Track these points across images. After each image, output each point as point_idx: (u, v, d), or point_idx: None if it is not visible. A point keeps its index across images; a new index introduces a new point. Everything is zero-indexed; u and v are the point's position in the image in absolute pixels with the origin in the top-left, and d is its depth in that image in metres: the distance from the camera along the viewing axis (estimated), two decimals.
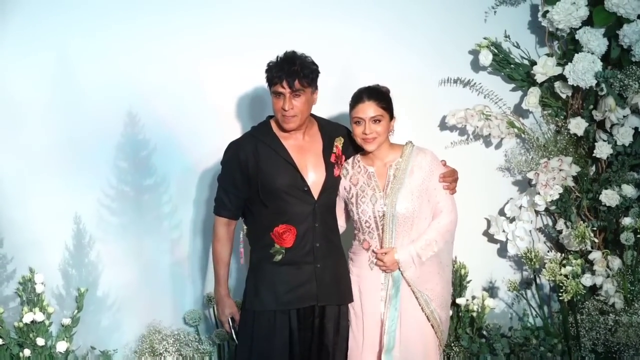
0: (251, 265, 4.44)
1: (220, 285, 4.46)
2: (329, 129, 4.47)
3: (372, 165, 4.37)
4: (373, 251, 4.34)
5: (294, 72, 4.25)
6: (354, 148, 4.44)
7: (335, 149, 4.41)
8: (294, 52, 4.32)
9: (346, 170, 4.40)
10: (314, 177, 4.36)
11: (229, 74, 5.15)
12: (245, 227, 4.48)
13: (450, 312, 4.69)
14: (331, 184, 4.39)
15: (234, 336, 4.43)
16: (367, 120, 4.25)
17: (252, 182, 4.33)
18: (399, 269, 4.29)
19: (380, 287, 4.33)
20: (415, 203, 4.29)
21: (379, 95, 4.31)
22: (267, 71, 4.31)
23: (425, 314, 4.33)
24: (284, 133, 4.37)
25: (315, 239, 4.34)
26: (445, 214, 4.34)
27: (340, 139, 4.44)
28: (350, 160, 4.42)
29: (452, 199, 4.37)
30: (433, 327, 4.35)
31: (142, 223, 5.16)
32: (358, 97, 4.30)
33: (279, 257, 4.32)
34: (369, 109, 4.26)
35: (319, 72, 4.35)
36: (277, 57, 4.30)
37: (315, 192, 4.34)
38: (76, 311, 4.93)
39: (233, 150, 4.39)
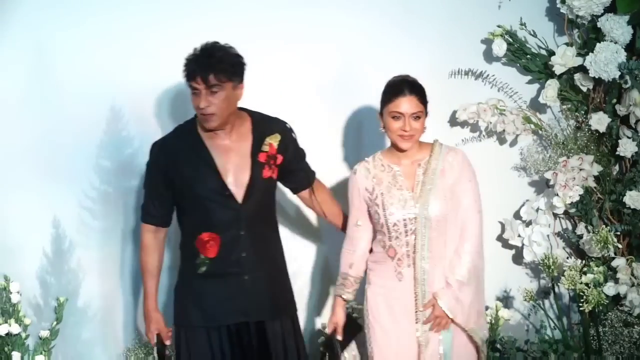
0: (179, 277, 4.41)
1: (148, 298, 4.42)
2: (263, 126, 4.35)
3: (398, 164, 4.32)
4: (399, 259, 4.27)
5: (208, 65, 4.14)
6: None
7: (267, 147, 4.30)
8: (213, 44, 4.21)
9: (366, 169, 4.34)
10: (237, 180, 4.26)
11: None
12: None
13: None
14: (259, 187, 4.29)
15: (156, 356, 4.39)
16: (408, 115, 4.20)
17: (174, 187, 4.30)
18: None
19: (413, 304, 4.24)
20: (449, 205, 4.25)
21: (420, 90, 4.28)
22: (184, 65, 4.23)
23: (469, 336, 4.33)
24: (208, 132, 4.28)
25: (242, 249, 4.25)
26: (478, 220, 4.32)
27: (276, 136, 4.33)
28: (369, 159, 4.38)
29: (478, 205, 4.33)
30: (477, 346, 4.36)
31: (127, 227, 5.11)
32: (398, 90, 4.23)
33: (203, 269, 4.27)
34: (410, 104, 4.21)
35: (243, 64, 4.24)
36: (194, 49, 4.21)
37: (239, 197, 4.25)
38: (55, 323, 4.90)
39: (154, 152, 4.38)
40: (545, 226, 5.24)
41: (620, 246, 5.17)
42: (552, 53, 5.21)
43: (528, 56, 5.26)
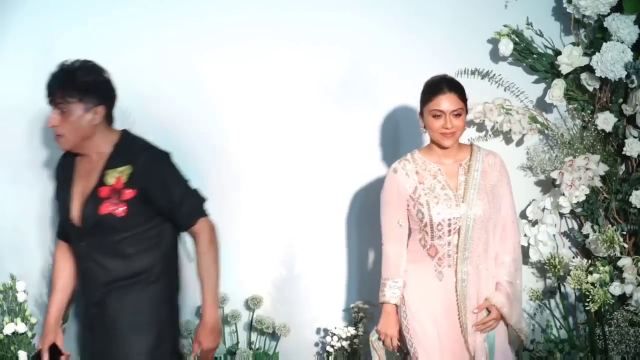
0: None
1: (47, 313, 4.17)
2: (121, 156, 3.91)
3: (439, 163, 4.30)
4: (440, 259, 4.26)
5: (58, 82, 3.87)
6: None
7: (112, 180, 3.87)
8: (74, 62, 3.89)
9: (407, 168, 4.29)
10: (77, 211, 3.93)
11: (225, 66, 5.14)
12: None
13: None
14: (93, 224, 3.89)
15: None
16: (448, 113, 4.20)
17: None
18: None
19: (454, 303, 4.24)
20: (491, 206, 4.26)
21: (460, 87, 4.28)
22: None
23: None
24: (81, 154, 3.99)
25: (94, 288, 3.92)
26: (516, 228, 4.35)
27: (128, 168, 3.88)
28: (409, 157, 4.33)
29: (514, 208, 4.37)
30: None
31: None
32: (438, 88, 4.24)
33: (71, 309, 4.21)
34: (450, 102, 4.21)
35: (100, 86, 3.89)
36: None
37: (82, 229, 3.94)
38: (62, 322, 4.61)
39: (55, 167, 4.18)
40: (551, 226, 5.22)
41: (626, 246, 5.15)
42: (558, 53, 5.19)
43: (534, 56, 5.24)
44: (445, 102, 4.19)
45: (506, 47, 5.19)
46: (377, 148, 5.15)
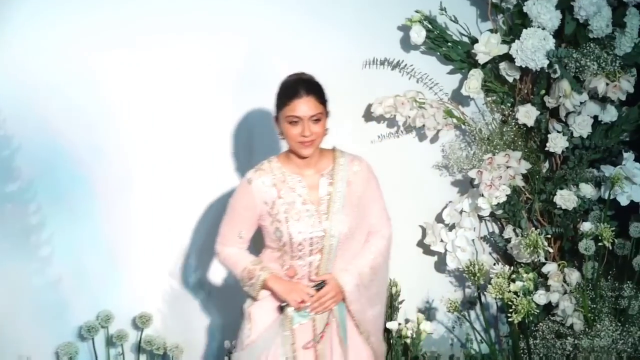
0: None
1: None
2: None
3: (300, 174, 4.17)
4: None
5: None
6: None
7: None
8: None
9: (264, 179, 4.12)
10: None
11: (116, 61, 5.02)
12: None
13: None
14: None
15: None
16: (306, 119, 4.03)
17: None
18: (343, 301, 4.15)
19: (310, 331, 4.12)
20: (357, 220, 4.18)
21: (318, 89, 4.12)
22: None
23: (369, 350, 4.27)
24: None
25: None
26: (385, 232, 4.29)
27: None
28: (266, 167, 4.16)
29: (387, 213, 4.31)
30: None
31: (3, 238, 4.96)
32: (294, 91, 4.04)
33: None
34: (308, 106, 4.04)
35: None
36: None
37: None
38: None
39: None
40: (469, 230, 5.23)
41: (551, 250, 5.21)
42: (474, 40, 5.17)
43: (449, 44, 5.22)
44: (303, 106, 4.03)
45: (418, 34, 5.13)
46: (276, 145, 4.99)
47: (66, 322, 5.03)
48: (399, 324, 5.01)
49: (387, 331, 4.94)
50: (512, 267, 5.01)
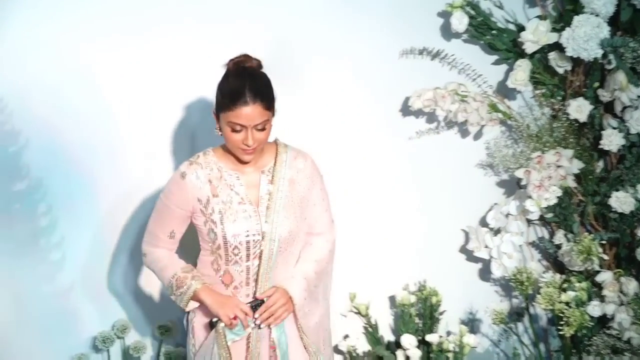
0: None
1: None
2: None
3: (238, 171, 4.04)
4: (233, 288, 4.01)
5: None
6: None
7: None
8: None
9: (197, 174, 3.98)
10: None
11: (122, 53, 4.91)
12: None
13: (385, 354, 4.83)
14: None
15: None
16: (250, 127, 3.88)
17: None
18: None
19: (244, 344, 4.02)
20: (299, 221, 4.07)
21: (266, 92, 3.94)
22: None
23: None
24: None
25: None
26: (329, 236, 4.21)
27: None
28: (201, 160, 4.03)
29: (331, 215, 4.22)
30: None
31: (11, 241, 4.87)
32: (239, 96, 3.86)
33: None
34: (254, 114, 3.87)
35: None
36: None
37: None
38: None
39: None
40: (516, 235, 5.08)
41: (606, 257, 5.05)
42: (522, 28, 5.03)
43: (493, 32, 5.06)
44: (248, 114, 3.85)
45: (460, 21, 4.97)
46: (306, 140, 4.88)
47: (79, 332, 4.97)
48: (440, 336, 4.95)
49: (426, 344, 4.95)
50: (563, 276, 5.01)
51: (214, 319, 3.96)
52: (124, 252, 4.85)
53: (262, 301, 3.95)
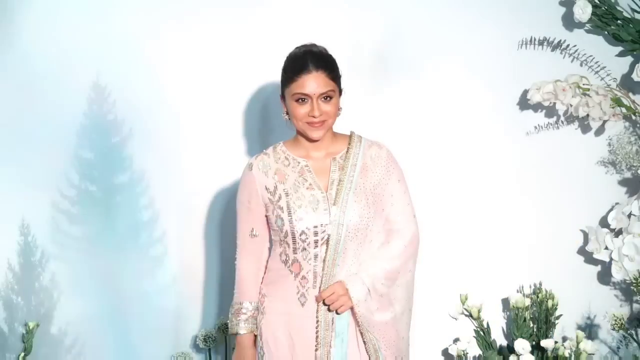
0: None
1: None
2: None
3: (307, 157, 4.03)
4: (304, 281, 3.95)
5: None
6: None
7: None
8: None
9: (263, 163, 3.98)
10: None
11: (228, 43, 4.95)
12: None
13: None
14: None
15: None
16: (315, 97, 3.87)
17: None
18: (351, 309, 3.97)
19: (313, 335, 3.96)
20: (371, 211, 3.98)
21: (330, 62, 3.95)
22: None
23: None
24: None
25: None
26: (406, 232, 4.06)
27: None
28: (270, 150, 4.06)
29: (412, 210, 4.09)
30: None
31: (112, 235, 4.94)
32: (301, 65, 3.89)
33: None
34: (317, 82, 3.87)
35: None
36: None
37: None
38: (22, 354, 4.73)
39: None
40: (639, 236, 4.89)
41: None
42: None
43: (619, 22, 4.89)
44: (312, 83, 3.85)
45: (583, 10, 4.85)
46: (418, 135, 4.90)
47: (180, 330, 5.01)
48: (556, 342, 4.80)
49: (541, 350, 4.82)
50: None
51: None
52: (227, 248, 4.71)
53: None
